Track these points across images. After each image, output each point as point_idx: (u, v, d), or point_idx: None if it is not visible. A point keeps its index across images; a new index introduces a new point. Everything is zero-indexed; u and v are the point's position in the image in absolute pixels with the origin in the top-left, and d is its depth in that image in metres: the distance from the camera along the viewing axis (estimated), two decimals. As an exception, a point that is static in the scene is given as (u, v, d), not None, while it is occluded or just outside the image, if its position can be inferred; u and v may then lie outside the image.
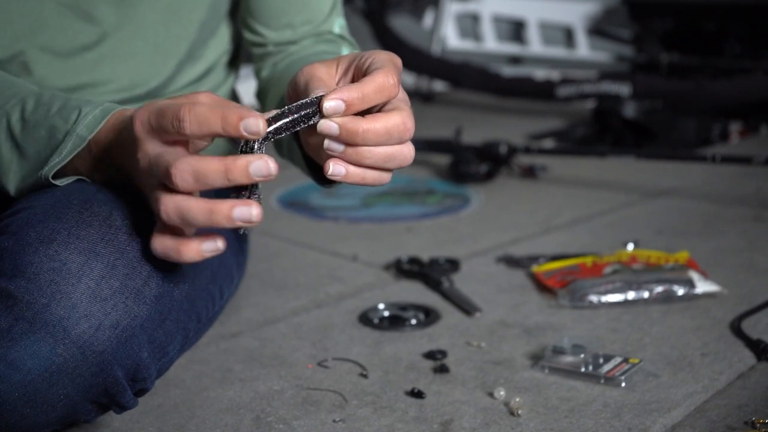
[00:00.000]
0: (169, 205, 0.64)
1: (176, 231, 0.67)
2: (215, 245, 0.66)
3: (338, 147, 0.66)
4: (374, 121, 0.66)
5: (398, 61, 0.71)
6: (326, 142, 0.66)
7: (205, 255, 0.66)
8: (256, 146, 0.65)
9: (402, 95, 0.71)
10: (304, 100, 0.67)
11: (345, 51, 1.00)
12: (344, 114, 0.65)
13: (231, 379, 0.94)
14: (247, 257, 1.12)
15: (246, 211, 0.63)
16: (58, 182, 0.76)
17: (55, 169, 0.75)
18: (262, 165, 0.62)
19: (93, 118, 0.73)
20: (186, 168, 0.62)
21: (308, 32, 0.99)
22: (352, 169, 0.67)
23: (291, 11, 0.98)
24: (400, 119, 0.67)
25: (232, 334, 1.06)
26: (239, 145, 0.66)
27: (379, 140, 0.66)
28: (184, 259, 0.66)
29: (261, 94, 1.02)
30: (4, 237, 0.72)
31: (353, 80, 0.72)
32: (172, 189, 0.64)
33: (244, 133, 0.62)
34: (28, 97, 0.77)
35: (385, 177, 0.69)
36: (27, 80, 0.89)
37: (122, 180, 0.74)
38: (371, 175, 0.69)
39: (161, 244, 0.67)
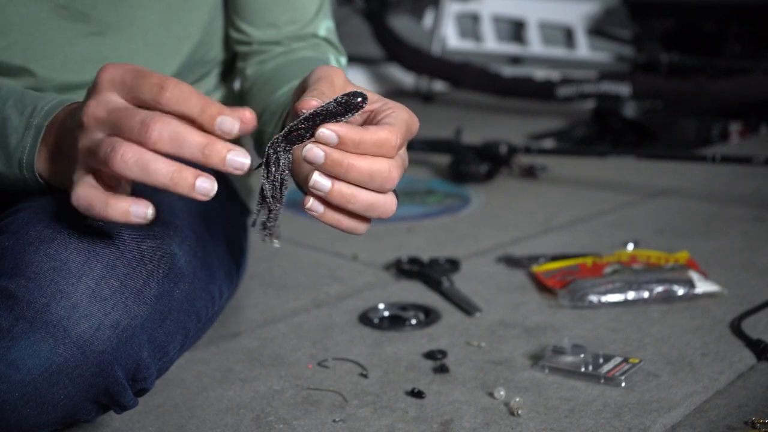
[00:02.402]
0: (130, 151, 0.60)
1: (109, 184, 0.64)
2: (144, 211, 0.62)
3: (326, 184, 0.64)
4: (360, 159, 0.63)
5: (415, 124, 0.69)
6: (313, 180, 0.64)
7: (131, 219, 0.62)
8: (272, 153, 0.65)
9: (403, 153, 0.69)
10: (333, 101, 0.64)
11: (331, 56, 1.00)
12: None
13: (231, 379, 0.94)
14: (247, 257, 1.12)
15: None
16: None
17: (24, 156, 0.72)
18: (238, 157, 0.61)
19: (50, 108, 0.72)
20: (167, 126, 0.60)
21: (293, 33, 0.99)
22: (330, 212, 0.66)
23: (275, 10, 0.98)
24: (386, 166, 0.65)
25: (232, 334, 1.06)
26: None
27: (361, 179, 0.64)
28: (109, 215, 0.62)
29: (244, 94, 1.01)
30: (5, 236, 0.72)
31: (365, 121, 0.70)
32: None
33: (217, 130, 0.61)
34: None
35: (361, 228, 0.67)
36: (28, 81, 0.89)
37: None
38: (347, 223, 0.67)
39: (87, 193, 0.63)
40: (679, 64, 2.80)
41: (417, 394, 0.89)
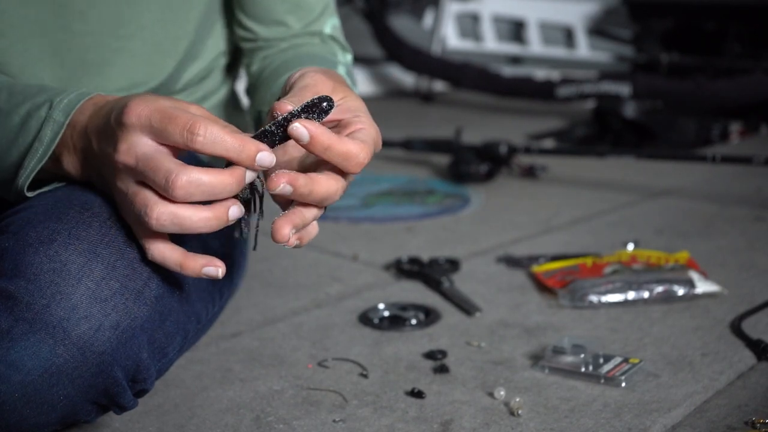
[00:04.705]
0: (164, 212, 0.65)
1: (173, 237, 0.68)
2: (216, 272, 0.69)
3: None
4: (320, 185, 0.66)
5: (380, 143, 0.72)
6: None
7: (202, 276, 0.69)
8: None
9: (377, 137, 0.71)
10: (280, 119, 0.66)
11: (338, 53, 1.00)
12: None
13: (231, 379, 0.94)
14: (247, 258, 1.12)
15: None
16: (30, 194, 0.75)
17: (37, 168, 0.73)
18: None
19: (68, 102, 0.72)
20: (194, 181, 0.64)
21: (300, 30, 0.99)
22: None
23: (282, 8, 0.98)
24: (338, 189, 0.68)
25: (232, 334, 1.06)
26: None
27: (315, 200, 0.67)
28: (185, 272, 0.69)
29: (251, 90, 1.01)
30: (5, 237, 0.72)
31: (333, 128, 0.71)
32: (161, 194, 0.65)
33: (256, 167, 0.65)
34: (2, 89, 0.76)
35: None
36: (28, 80, 0.89)
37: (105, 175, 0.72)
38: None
39: (160, 253, 0.69)
40: (679, 64, 2.81)
41: (417, 394, 0.89)
